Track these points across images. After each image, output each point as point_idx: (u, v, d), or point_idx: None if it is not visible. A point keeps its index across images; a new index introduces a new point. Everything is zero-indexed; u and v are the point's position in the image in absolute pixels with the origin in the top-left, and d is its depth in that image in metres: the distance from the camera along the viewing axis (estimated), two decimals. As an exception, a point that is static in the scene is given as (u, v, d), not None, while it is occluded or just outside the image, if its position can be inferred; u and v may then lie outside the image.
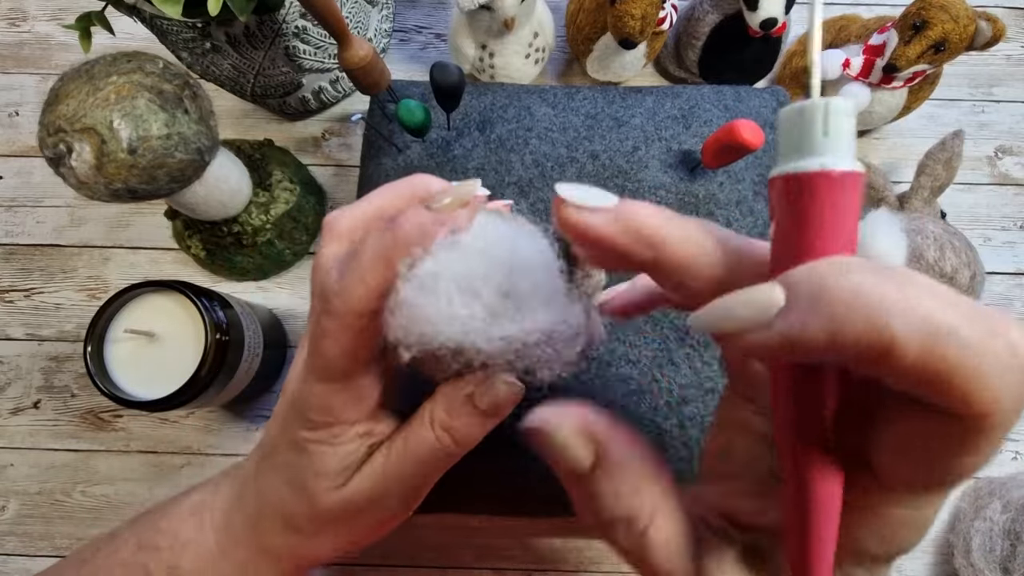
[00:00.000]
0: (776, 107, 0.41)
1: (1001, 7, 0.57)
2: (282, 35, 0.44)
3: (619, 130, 0.39)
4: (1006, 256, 0.52)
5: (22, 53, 0.57)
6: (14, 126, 0.55)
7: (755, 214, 0.38)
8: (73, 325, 0.51)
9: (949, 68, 0.49)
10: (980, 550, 0.44)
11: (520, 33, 0.48)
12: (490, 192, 0.23)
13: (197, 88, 0.38)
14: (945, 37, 0.42)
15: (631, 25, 0.42)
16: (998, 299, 0.52)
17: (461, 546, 0.48)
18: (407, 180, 0.23)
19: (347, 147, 0.54)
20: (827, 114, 0.12)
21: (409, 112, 0.36)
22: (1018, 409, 0.11)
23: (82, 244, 0.53)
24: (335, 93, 0.53)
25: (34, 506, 0.49)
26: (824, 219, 0.12)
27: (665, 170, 0.38)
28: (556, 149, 0.39)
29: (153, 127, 0.34)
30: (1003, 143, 0.55)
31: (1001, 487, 0.47)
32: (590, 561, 0.48)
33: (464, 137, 0.39)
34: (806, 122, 0.13)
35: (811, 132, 0.12)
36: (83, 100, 0.33)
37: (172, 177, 0.37)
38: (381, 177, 0.39)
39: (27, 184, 0.54)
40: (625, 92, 0.41)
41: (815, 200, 0.12)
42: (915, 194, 0.47)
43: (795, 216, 0.13)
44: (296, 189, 0.50)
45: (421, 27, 0.57)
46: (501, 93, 0.41)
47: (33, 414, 0.50)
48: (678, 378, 0.36)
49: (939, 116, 0.55)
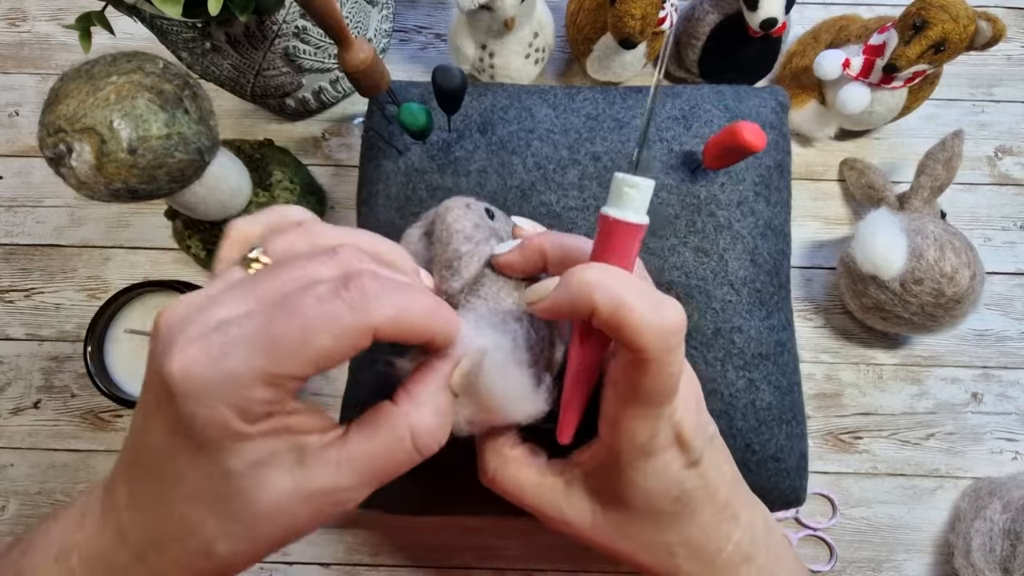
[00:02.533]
0: (776, 107, 0.41)
1: (1001, 7, 0.57)
2: (282, 35, 0.43)
3: (620, 131, 0.39)
4: (1006, 256, 0.52)
5: (22, 53, 0.57)
6: (14, 126, 0.55)
7: (756, 214, 0.38)
8: (73, 325, 0.51)
9: (949, 68, 0.49)
10: (980, 550, 0.44)
11: (520, 33, 0.48)
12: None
13: (197, 88, 0.38)
14: (945, 37, 0.42)
15: (631, 25, 0.42)
16: (998, 299, 0.52)
17: (461, 546, 0.48)
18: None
19: (347, 147, 0.54)
20: (621, 185, 0.21)
21: (412, 115, 0.36)
22: (663, 352, 0.20)
23: (82, 244, 0.53)
24: (335, 93, 0.53)
25: (34, 506, 0.49)
26: (603, 242, 0.22)
27: (666, 171, 0.38)
28: (558, 151, 0.39)
29: (153, 127, 0.34)
30: (1003, 143, 0.55)
31: (1001, 487, 0.47)
32: (590, 561, 0.48)
33: (465, 139, 0.39)
34: (614, 186, 0.22)
35: (614, 192, 0.22)
36: (83, 100, 0.33)
37: (172, 177, 0.37)
38: (381, 179, 0.39)
39: (27, 184, 0.54)
40: (626, 92, 0.41)
41: (600, 230, 0.22)
42: (915, 194, 0.47)
43: (598, 229, 0.22)
44: (296, 189, 0.50)
45: (421, 27, 0.57)
46: (502, 94, 0.41)
47: (33, 414, 0.50)
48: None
49: (939, 116, 0.55)
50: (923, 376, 0.51)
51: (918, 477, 0.49)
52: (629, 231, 0.21)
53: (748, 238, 0.37)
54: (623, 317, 0.20)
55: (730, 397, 0.36)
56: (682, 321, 0.21)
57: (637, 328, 0.19)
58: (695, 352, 0.36)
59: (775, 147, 0.40)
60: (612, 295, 0.20)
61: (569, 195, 0.38)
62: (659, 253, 0.37)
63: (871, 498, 0.49)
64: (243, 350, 0.18)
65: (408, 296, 0.19)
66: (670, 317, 0.20)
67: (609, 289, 0.20)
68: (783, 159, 0.40)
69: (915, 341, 0.51)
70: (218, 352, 0.18)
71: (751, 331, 0.36)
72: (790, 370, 0.38)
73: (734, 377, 0.36)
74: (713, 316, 0.36)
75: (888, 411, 0.50)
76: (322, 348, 0.18)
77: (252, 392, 0.18)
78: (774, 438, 0.36)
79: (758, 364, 0.36)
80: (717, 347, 0.36)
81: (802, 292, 0.52)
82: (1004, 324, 0.51)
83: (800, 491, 0.38)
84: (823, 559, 0.48)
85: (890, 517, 0.48)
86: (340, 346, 0.18)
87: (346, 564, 0.48)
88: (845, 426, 0.50)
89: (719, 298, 0.36)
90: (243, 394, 0.18)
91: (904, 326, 0.46)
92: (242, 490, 0.19)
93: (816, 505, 0.49)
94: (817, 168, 0.54)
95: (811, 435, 0.49)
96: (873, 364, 0.51)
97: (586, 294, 0.20)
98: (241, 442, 0.19)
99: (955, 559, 0.46)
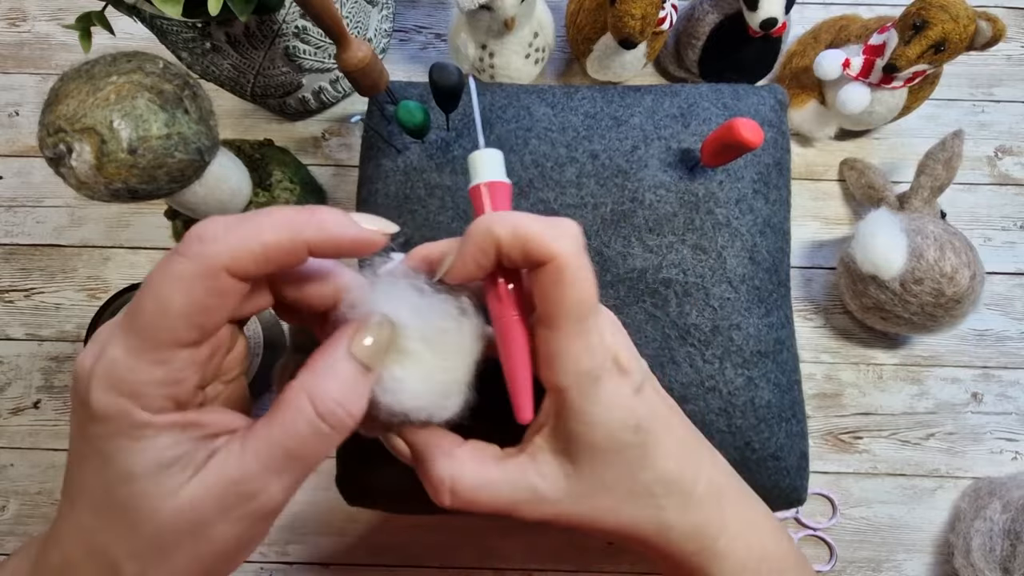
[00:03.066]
0: (775, 105, 0.41)
1: (1001, 7, 0.57)
2: (282, 35, 0.44)
3: (618, 129, 0.39)
4: (1006, 256, 0.52)
5: (22, 53, 0.57)
6: (14, 126, 0.55)
7: (754, 212, 0.38)
8: (73, 325, 0.51)
9: (949, 68, 0.49)
10: (980, 550, 0.44)
11: (520, 33, 0.48)
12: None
13: (197, 88, 0.38)
14: (945, 37, 0.42)
15: (631, 25, 0.42)
16: (998, 299, 0.52)
17: (461, 546, 0.48)
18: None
19: (347, 147, 0.54)
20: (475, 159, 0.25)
21: (408, 114, 0.36)
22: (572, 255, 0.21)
23: (82, 244, 0.53)
24: (335, 93, 0.53)
25: (34, 506, 0.49)
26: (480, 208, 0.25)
27: (664, 169, 0.38)
28: (555, 149, 0.39)
29: (153, 127, 0.34)
30: (1003, 143, 0.55)
31: (1001, 487, 0.47)
32: (590, 561, 0.48)
33: (463, 138, 0.39)
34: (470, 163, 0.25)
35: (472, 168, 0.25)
36: (83, 100, 0.33)
37: (172, 177, 0.37)
38: (380, 178, 0.39)
39: (27, 184, 0.54)
40: (624, 91, 0.41)
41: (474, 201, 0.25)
42: (915, 194, 0.47)
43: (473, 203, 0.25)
44: (296, 189, 0.50)
45: (421, 27, 0.57)
46: (500, 93, 0.41)
47: (33, 414, 0.50)
48: (679, 377, 0.36)
49: (939, 116, 0.55)
50: (923, 376, 0.50)
51: (918, 477, 0.49)
52: (498, 189, 0.25)
53: (747, 236, 0.37)
54: (525, 235, 0.21)
55: (729, 395, 0.36)
56: (577, 227, 0.22)
57: (540, 238, 0.21)
58: (693, 350, 0.36)
59: (774, 145, 0.40)
60: (510, 222, 0.21)
61: (567, 193, 0.38)
62: (657, 250, 0.37)
63: (871, 498, 0.49)
64: (119, 335, 0.18)
65: (252, 221, 0.18)
66: (565, 224, 0.22)
67: (505, 219, 0.21)
68: (782, 157, 0.40)
69: (915, 341, 0.51)
70: (100, 345, 0.18)
71: (750, 329, 0.36)
72: (790, 368, 0.38)
73: (733, 375, 0.36)
74: (711, 314, 0.36)
75: (888, 411, 0.50)
76: (178, 307, 0.17)
77: (137, 373, 0.17)
78: (774, 436, 0.36)
79: (757, 362, 0.36)
80: (716, 345, 0.36)
81: (802, 292, 0.52)
82: (1004, 324, 0.51)
83: (801, 490, 0.38)
84: (823, 559, 0.48)
85: (890, 517, 0.48)
86: (195, 298, 0.17)
87: (346, 564, 0.48)
88: (845, 426, 0.50)
89: (717, 296, 0.36)
90: (130, 377, 0.17)
91: (904, 326, 0.46)
92: (145, 495, 0.18)
93: (816, 505, 0.49)
94: (817, 168, 0.54)
95: (811, 435, 0.49)
96: (873, 364, 0.51)
97: (485, 230, 0.21)
98: (144, 437, 0.18)
99: (955, 559, 0.46)
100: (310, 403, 0.19)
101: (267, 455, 0.18)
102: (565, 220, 0.22)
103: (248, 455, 0.18)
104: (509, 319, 0.23)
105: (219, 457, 0.18)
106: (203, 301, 0.18)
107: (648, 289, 0.37)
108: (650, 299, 0.36)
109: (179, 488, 0.18)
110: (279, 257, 0.18)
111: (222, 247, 0.17)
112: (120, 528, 0.18)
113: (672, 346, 0.36)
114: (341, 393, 0.19)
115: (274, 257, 0.18)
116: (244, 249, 0.18)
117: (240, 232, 0.18)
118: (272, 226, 0.18)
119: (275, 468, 0.19)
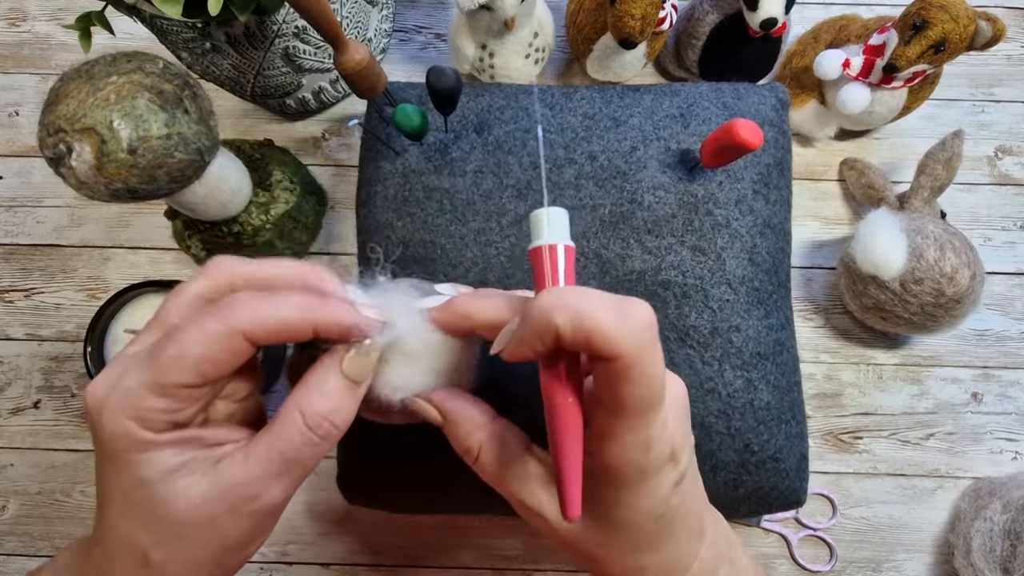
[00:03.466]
0: (776, 104, 0.41)
1: (1001, 7, 0.57)
2: (282, 35, 0.44)
3: (617, 130, 0.39)
4: (1006, 256, 0.52)
5: (22, 53, 0.57)
6: (14, 126, 0.55)
7: (754, 213, 0.38)
8: (73, 325, 0.51)
9: (949, 68, 0.49)
10: (980, 550, 0.44)
11: (520, 33, 0.48)
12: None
13: (197, 88, 0.38)
14: (945, 37, 0.42)
15: (631, 25, 0.42)
16: (998, 299, 0.52)
17: (461, 546, 0.48)
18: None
19: (347, 147, 0.54)
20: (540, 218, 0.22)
21: (406, 117, 0.36)
22: (639, 353, 0.19)
23: (82, 244, 0.53)
24: (335, 93, 0.53)
25: (34, 506, 0.49)
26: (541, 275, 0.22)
27: (664, 170, 0.38)
28: (554, 150, 0.39)
29: (153, 127, 0.34)
30: (1003, 143, 0.55)
31: (1001, 487, 0.47)
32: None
33: (462, 139, 0.39)
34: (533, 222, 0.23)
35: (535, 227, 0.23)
36: (83, 100, 0.33)
37: (172, 177, 0.37)
38: (379, 181, 0.39)
39: (27, 184, 0.54)
40: (623, 91, 0.41)
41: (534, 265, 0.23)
42: (915, 194, 0.47)
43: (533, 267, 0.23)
44: (296, 189, 0.50)
45: (421, 27, 0.57)
46: (498, 94, 0.41)
47: (33, 414, 0.50)
48: (678, 378, 0.36)
49: (939, 116, 0.55)
50: (923, 376, 0.50)
51: (918, 477, 0.49)
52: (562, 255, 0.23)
53: (746, 237, 0.37)
54: (588, 327, 0.19)
55: (728, 397, 0.36)
56: (650, 317, 0.20)
57: (604, 333, 0.19)
58: (692, 352, 0.36)
59: (775, 145, 0.40)
60: (571, 309, 0.19)
61: (565, 194, 0.38)
62: (656, 252, 0.37)
63: (871, 498, 0.49)
64: (135, 369, 0.21)
65: (275, 300, 0.21)
66: (637, 315, 0.19)
67: (567, 305, 0.19)
68: (783, 157, 0.40)
69: (915, 341, 0.51)
70: (117, 375, 0.21)
71: (749, 330, 0.36)
72: (789, 370, 0.38)
73: (732, 377, 0.36)
74: (711, 316, 0.36)
75: (888, 411, 0.50)
76: (197, 355, 0.20)
77: (144, 401, 0.20)
78: (773, 438, 0.36)
79: (756, 364, 0.36)
80: (715, 347, 0.36)
81: (802, 292, 0.52)
82: (1004, 324, 0.51)
83: (800, 492, 0.38)
84: (823, 559, 0.48)
85: (890, 517, 0.48)
86: (212, 352, 0.20)
87: (346, 564, 0.48)
88: (845, 426, 0.50)
89: (717, 297, 0.36)
90: (137, 404, 0.20)
91: (904, 326, 0.46)
92: (160, 496, 0.21)
93: (816, 505, 0.49)
94: (817, 168, 0.54)
95: (811, 435, 0.49)
96: (873, 364, 0.51)
97: (545, 318, 0.19)
98: (149, 451, 0.21)
99: (955, 559, 0.46)
100: (301, 417, 0.22)
101: (267, 461, 0.22)
102: (636, 306, 0.20)
103: (251, 461, 0.22)
104: (564, 405, 0.21)
105: (226, 463, 0.22)
106: (216, 356, 0.20)
107: (647, 291, 0.36)
108: (649, 301, 0.36)
109: (189, 488, 0.21)
110: (288, 332, 0.21)
111: (248, 314, 0.20)
112: (143, 523, 0.21)
113: (671, 348, 0.36)
114: (327, 408, 0.22)
115: (284, 331, 0.21)
116: (262, 321, 0.21)
117: (264, 306, 0.21)
118: (289, 306, 0.21)
119: (274, 472, 0.22)
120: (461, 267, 0.38)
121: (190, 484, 0.21)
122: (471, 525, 0.48)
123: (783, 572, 0.48)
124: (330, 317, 0.22)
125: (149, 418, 0.20)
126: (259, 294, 0.21)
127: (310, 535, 0.48)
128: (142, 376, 0.20)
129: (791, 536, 0.48)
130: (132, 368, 0.21)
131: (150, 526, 0.21)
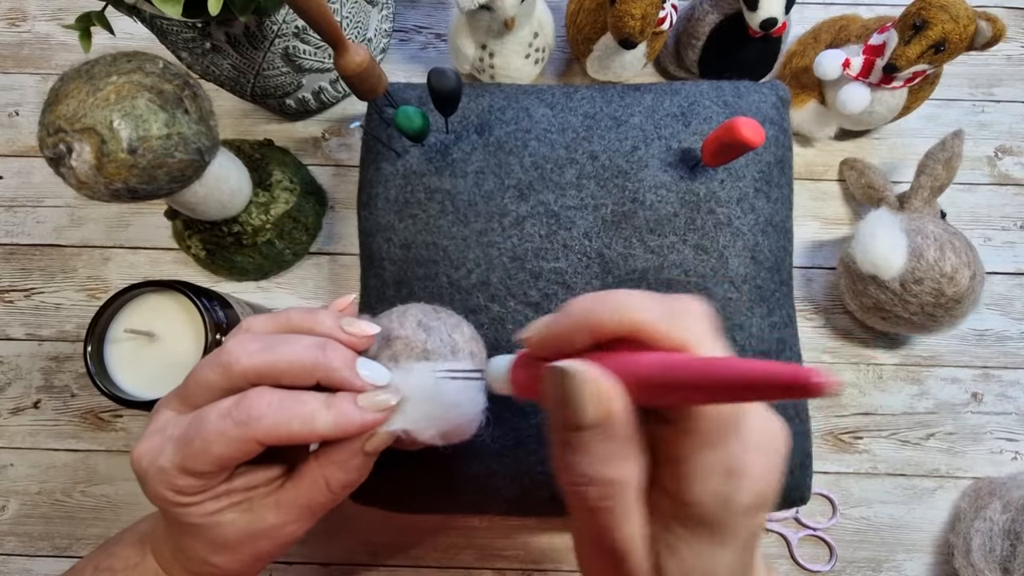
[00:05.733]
0: (777, 102, 0.41)
1: (1001, 7, 0.57)
2: (282, 35, 0.43)
3: (618, 129, 0.39)
4: (1006, 256, 0.52)
5: (22, 53, 0.57)
6: (14, 126, 0.55)
7: (756, 211, 0.38)
8: (73, 325, 0.51)
9: (949, 68, 0.49)
10: (980, 550, 0.44)
11: (520, 33, 0.48)
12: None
13: (197, 88, 0.38)
14: (945, 37, 0.42)
15: (631, 25, 0.42)
16: (998, 299, 0.52)
17: (461, 546, 0.48)
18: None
19: (347, 147, 0.54)
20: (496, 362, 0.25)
21: (408, 119, 0.36)
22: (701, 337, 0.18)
23: (82, 244, 0.53)
24: (335, 93, 0.53)
25: (34, 506, 0.49)
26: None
27: (665, 169, 0.38)
28: (555, 151, 0.39)
29: (153, 127, 0.34)
30: (1003, 143, 0.55)
31: (1001, 487, 0.47)
32: (590, 561, 0.48)
33: (462, 140, 0.39)
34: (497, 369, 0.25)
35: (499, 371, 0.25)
36: (83, 100, 0.33)
37: (172, 177, 0.37)
38: (380, 182, 0.39)
39: (27, 184, 0.54)
40: (624, 91, 0.41)
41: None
42: (915, 194, 0.47)
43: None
44: (296, 189, 0.50)
45: (421, 27, 0.57)
46: (499, 95, 0.41)
47: (33, 414, 0.50)
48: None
49: (939, 116, 0.55)
50: (923, 376, 0.51)
51: (918, 477, 0.49)
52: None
53: (748, 235, 0.37)
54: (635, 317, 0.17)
55: (730, 397, 0.36)
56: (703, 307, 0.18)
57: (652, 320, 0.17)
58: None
59: (775, 143, 0.40)
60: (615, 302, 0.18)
61: (567, 194, 0.38)
62: (658, 251, 0.37)
63: (871, 498, 0.49)
64: (169, 449, 0.25)
65: (288, 412, 0.24)
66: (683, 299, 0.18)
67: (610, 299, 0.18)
68: (784, 155, 0.40)
69: (915, 341, 0.51)
70: (156, 449, 0.25)
71: (752, 328, 0.36)
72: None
73: (734, 377, 0.36)
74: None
75: (888, 411, 0.50)
76: (218, 454, 0.24)
77: (176, 480, 0.25)
78: (774, 438, 0.36)
79: (758, 363, 0.36)
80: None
81: (802, 292, 0.52)
82: (1004, 324, 0.51)
83: (804, 490, 0.38)
84: (823, 559, 0.48)
85: (890, 517, 0.48)
86: (231, 452, 0.24)
87: (346, 564, 0.48)
88: (845, 426, 0.50)
89: (719, 296, 0.36)
90: (170, 480, 0.25)
91: (904, 326, 0.46)
92: (208, 528, 0.26)
93: (816, 505, 0.49)
94: (817, 168, 0.54)
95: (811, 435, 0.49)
96: (873, 364, 0.51)
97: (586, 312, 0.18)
98: (187, 507, 0.25)
99: (955, 559, 0.46)
100: (326, 484, 0.27)
101: (295, 510, 0.27)
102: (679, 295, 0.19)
103: (282, 511, 0.27)
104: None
105: (259, 508, 0.27)
106: (233, 455, 0.24)
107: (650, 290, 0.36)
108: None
109: (232, 523, 0.26)
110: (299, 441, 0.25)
111: (264, 424, 0.24)
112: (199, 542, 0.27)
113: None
114: (348, 480, 0.27)
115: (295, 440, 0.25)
116: (275, 430, 0.24)
117: (277, 416, 0.24)
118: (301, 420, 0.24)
119: (303, 518, 0.28)
120: (463, 268, 0.38)
121: (232, 519, 0.26)
122: (471, 525, 0.48)
123: (783, 572, 0.48)
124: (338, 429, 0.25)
125: (182, 489, 0.25)
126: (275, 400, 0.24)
127: (310, 535, 0.48)
128: (175, 459, 0.24)
129: (791, 536, 0.48)
130: (167, 449, 0.25)
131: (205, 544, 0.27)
